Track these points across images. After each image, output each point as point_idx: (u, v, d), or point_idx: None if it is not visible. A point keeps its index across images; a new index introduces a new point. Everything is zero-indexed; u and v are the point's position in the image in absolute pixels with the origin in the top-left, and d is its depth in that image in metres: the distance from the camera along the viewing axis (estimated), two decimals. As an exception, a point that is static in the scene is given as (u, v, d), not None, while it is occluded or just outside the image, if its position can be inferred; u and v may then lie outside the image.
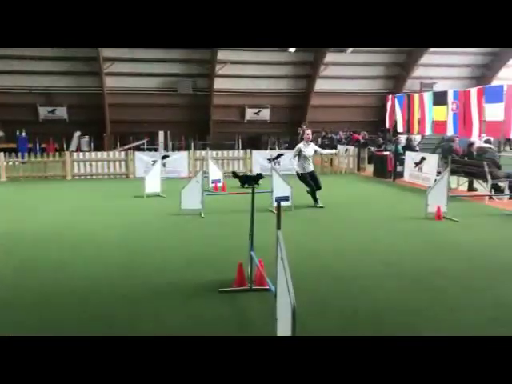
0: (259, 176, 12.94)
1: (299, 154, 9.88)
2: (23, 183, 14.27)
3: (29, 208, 10.05)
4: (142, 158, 15.68)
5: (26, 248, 6.87)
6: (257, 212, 5.32)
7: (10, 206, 10.46)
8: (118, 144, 23.90)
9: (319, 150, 10.93)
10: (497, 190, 11.15)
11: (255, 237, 5.25)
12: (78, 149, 22.55)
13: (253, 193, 5.12)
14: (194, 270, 5.82)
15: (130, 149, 19.25)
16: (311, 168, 10.04)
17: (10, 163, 15.16)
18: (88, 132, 24.44)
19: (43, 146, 22.63)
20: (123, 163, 15.79)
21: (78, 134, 24.17)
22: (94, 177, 15.46)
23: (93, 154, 16.39)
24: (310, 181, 9.94)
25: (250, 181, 12.48)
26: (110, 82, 24.28)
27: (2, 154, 14.97)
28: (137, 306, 4.74)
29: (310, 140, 10.11)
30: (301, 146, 9.96)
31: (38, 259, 6.29)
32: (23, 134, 22.40)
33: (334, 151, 14.55)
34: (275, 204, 8.59)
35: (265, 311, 4.36)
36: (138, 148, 22.22)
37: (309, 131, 10.27)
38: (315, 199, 9.96)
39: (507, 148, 21.83)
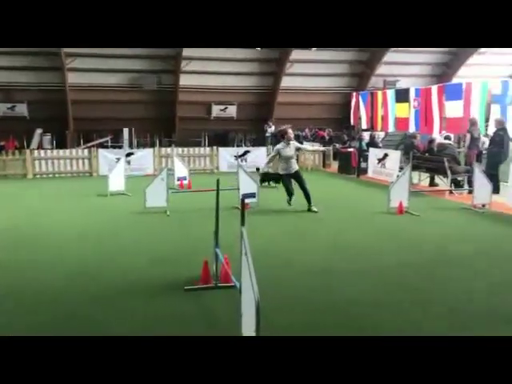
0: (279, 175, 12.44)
1: (279, 156, 9.28)
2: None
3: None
4: (105, 156, 15.39)
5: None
6: (223, 210, 5.33)
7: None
8: (82, 141, 23.38)
9: (303, 146, 10.11)
10: (456, 184, 11.50)
11: (221, 234, 5.25)
12: (40, 146, 21.93)
13: (217, 190, 5.11)
14: (159, 269, 5.77)
15: (93, 146, 18.87)
16: (293, 168, 9.31)
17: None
18: (50, 129, 23.79)
19: (2, 143, 21.90)
20: (86, 161, 15.47)
21: (39, 131, 23.49)
22: (56, 175, 15.08)
23: (55, 151, 15.99)
24: (290, 185, 9.31)
25: (269, 179, 12.02)
26: (72, 78, 23.69)
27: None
28: (100, 305, 4.67)
29: (291, 139, 9.35)
30: (279, 147, 9.32)
31: (-4, 260, 6.11)
32: (-19, 131, 21.61)
33: (322, 148, 13.93)
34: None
35: (230, 307, 4.37)
36: (102, 145, 21.79)
37: (291, 130, 9.41)
38: (308, 202, 9.20)
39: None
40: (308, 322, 4.27)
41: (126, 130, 24.18)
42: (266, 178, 12.08)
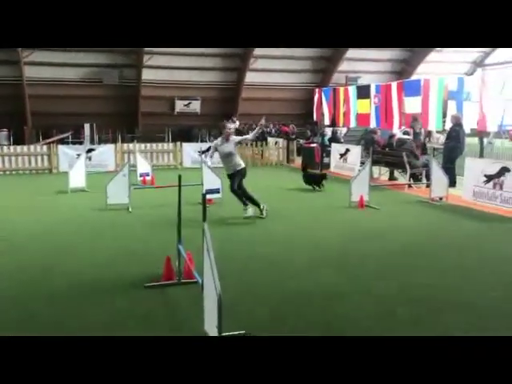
0: (323, 176, 11.53)
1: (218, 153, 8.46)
2: None
3: None
4: (66, 152, 15.02)
5: None
6: (187, 205, 5.33)
7: None
8: (41, 137, 22.73)
9: (243, 137, 9.17)
10: (415, 178, 11.84)
11: (186, 230, 5.24)
12: (-4, 143, 21.19)
13: (179, 186, 5.10)
14: (121, 266, 5.71)
15: (53, 142, 18.38)
16: (235, 166, 8.19)
17: None
18: (6, 125, 23.01)
19: (-44, 139, 21.06)
20: (46, 157, 15.06)
21: (-5, 127, 22.71)
22: (13, 172, 14.63)
23: (12, 148, 15.49)
24: (236, 184, 8.21)
25: (313, 181, 11.42)
26: (30, 72, 22.97)
27: None
28: (61, 304, 4.60)
29: (230, 134, 8.49)
30: (217, 142, 8.61)
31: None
32: None
33: (258, 128, 13.44)
34: (207, 196, 8.63)
35: (193, 303, 4.39)
36: (62, 141, 21.25)
37: (230, 125, 8.41)
38: (255, 206, 8.28)
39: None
40: (272, 314, 4.34)
41: (87, 126, 23.70)
42: (308, 180, 11.54)
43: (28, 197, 10.56)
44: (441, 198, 9.71)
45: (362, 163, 11.36)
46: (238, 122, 25.89)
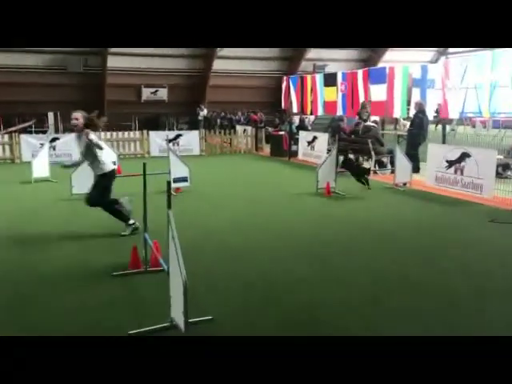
0: (364, 170, 10.18)
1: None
2: None
3: None
4: (28, 141, 14.63)
5: None
6: (155, 194, 5.30)
7: None
8: (2, 126, 22.01)
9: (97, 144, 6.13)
10: (380, 165, 12.08)
11: (153, 219, 5.22)
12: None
13: (144, 174, 5.07)
14: (87, 256, 5.65)
15: (15, 131, 17.83)
16: (97, 171, 6.35)
17: None
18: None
19: None
20: (7, 147, 14.64)
21: (-47, 115, 21.86)
22: (-27, 162, 14.18)
23: (-29, 137, 14.97)
24: (106, 199, 6.42)
25: (355, 174, 10.06)
26: (-12, 59, 22.18)
27: None
28: (24, 295, 4.53)
29: (86, 129, 6.17)
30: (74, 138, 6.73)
31: None
32: None
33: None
34: (173, 185, 8.58)
35: (159, 291, 4.40)
36: (25, 130, 20.64)
37: (78, 114, 6.31)
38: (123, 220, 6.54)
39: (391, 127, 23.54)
40: (234, 301, 4.39)
41: (50, 115, 23.07)
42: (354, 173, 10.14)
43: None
44: (405, 184, 9.96)
45: (329, 150, 11.49)
46: (205, 110, 25.71)
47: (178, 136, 16.36)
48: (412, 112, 12.91)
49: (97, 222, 7.25)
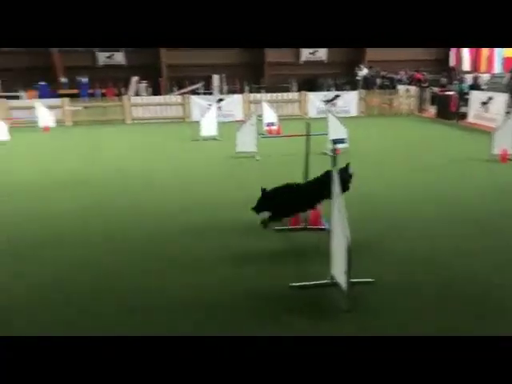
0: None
1: None
2: (88, 127, 14.85)
3: (96, 149, 10.56)
4: (197, 102, 15.80)
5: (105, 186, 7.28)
6: (313, 155, 5.29)
7: (82, 148, 11.00)
8: (175, 88, 24.06)
9: None
10: None
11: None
12: (137, 94, 22.94)
13: (307, 135, 5.08)
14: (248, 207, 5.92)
15: (186, 93, 19.39)
16: None
17: (74, 108, 15.76)
18: (145, 77, 24.71)
19: (103, 91, 23.18)
20: (180, 107, 15.99)
21: (135, 79, 24.50)
22: (152, 121, 15.81)
23: (150, 98, 16.68)
24: None
25: None
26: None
27: (68, 99, 15.59)
28: (192, 236, 4.94)
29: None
30: None
31: (108, 200, 6.67)
32: (84, 79, 22.96)
33: None
34: (332, 146, 8.50)
35: (317, 247, 4.46)
36: (194, 92, 22.32)
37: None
38: None
39: None
40: (399, 270, 4.23)
41: (216, 77, 24.46)
42: None
43: (170, 143, 11.41)
44: None
45: (507, 113, 10.23)
46: (365, 70, 24.81)
47: (336, 97, 16.12)
48: None
49: (258, 180, 7.56)
